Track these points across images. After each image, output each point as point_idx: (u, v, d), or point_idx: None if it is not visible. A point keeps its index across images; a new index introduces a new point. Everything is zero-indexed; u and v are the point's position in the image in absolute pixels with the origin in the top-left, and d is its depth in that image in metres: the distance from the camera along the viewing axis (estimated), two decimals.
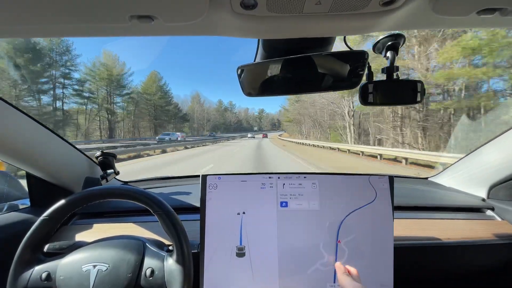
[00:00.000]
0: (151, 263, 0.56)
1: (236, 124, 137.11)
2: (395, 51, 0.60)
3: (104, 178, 1.00)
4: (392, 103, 0.65)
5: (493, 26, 0.48)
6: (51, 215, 0.58)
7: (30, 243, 0.56)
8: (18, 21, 0.40)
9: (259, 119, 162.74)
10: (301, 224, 0.63)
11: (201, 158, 12.49)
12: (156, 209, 0.58)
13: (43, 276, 0.54)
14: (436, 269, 0.81)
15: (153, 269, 0.55)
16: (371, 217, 0.63)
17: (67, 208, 0.59)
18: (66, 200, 0.59)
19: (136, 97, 50.23)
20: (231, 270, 0.62)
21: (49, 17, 0.39)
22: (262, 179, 0.66)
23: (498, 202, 0.93)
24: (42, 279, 0.54)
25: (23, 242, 0.56)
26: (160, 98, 57.22)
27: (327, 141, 23.97)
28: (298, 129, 46.70)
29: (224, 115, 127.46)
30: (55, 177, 0.87)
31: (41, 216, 0.58)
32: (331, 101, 24.38)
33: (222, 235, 0.63)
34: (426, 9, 0.40)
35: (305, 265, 0.62)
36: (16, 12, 0.38)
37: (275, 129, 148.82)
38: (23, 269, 0.55)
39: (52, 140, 0.83)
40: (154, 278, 0.54)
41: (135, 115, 49.02)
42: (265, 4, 0.37)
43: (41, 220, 0.57)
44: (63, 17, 0.40)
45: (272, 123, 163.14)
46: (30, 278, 0.54)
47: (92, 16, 0.39)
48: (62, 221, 0.60)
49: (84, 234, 0.82)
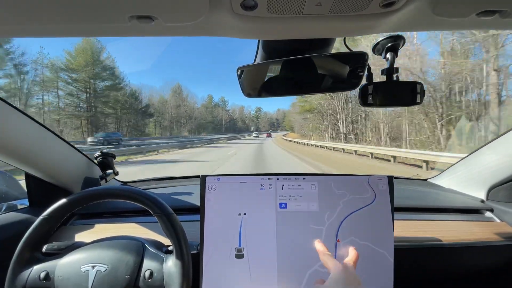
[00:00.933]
0: (150, 265, 0.56)
1: (228, 123, 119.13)
2: (394, 53, 0.60)
3: (103, 178, 1.00)
4: (392, 105, 0.65)
5: (493, 28, 0.48)
6: (51, 214, 0.58)
7: (29, 242, 0.56)
8: (17, 21, 0.40)
9: (256, 118, 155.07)
10: (300, 225, 0.63)
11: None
12: (156, 211, 0.58)
13: (42, 275, 0.54)
14: (436, 270, 0.81)
15: (152, 271, 0.55)
16: (371, 218, 0.63)
17: (67, 208, 0.59)
18: (67, 199, 0.59)
19: (54, 76, 31.08)
20: (230, 271, 0.61)
21: (48, 17, 0.39)
22: (261, 180, 0.66)
23: (497, 203, 0.94)
24: (40, 279, 0.54)
25: (22, 241, 0.56)
26: (96, 77, 35.23)
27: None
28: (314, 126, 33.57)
29: (213, 113, 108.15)
30: (54, 177, 0.87)
31: (40, 216, 0.58)
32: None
33: (221, 236, 0.63)
34: (426, 11, 0.40)
35: (304, 267, 0.61)
36: (15, 12, 0.38)
37: (274, 129, 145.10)
38: (21, 268, 0.55)
39: (51, 140, 0.82)
40: (152, 280, 0.54)
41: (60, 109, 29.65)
42: (265, 5, 0.37)
43: (40, 219, 0.57)
44: (63, 17, 0.40)
45: (270, 122, 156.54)
46: (28, 278, 0.54)
47: (92, 16, 0.39)
48: (62, 220, 0.60)
49: (83, 235, 0.82)
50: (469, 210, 0.94)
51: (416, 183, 1.26)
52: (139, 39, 51.69)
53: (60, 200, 0.59)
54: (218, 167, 9.13)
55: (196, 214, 0.68)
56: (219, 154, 14.70)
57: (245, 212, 0.64)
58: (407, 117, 16.06)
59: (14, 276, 0.54)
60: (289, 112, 73.45)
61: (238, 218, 0.64)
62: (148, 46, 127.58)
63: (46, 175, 0.85)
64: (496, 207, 0.93)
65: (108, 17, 0.39)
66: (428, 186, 1.19)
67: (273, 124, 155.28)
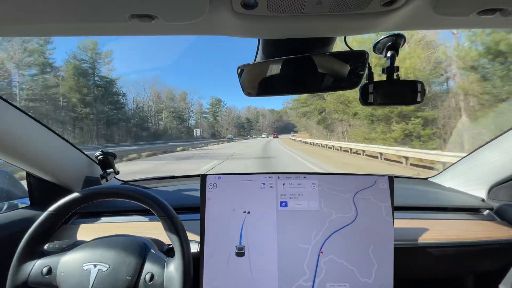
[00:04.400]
0: (152, 268, 0.56)
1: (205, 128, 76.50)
2: (395, 51, 0.60)
3: (104, 177, 1.00)
4: (393, 104, 0.65)
5: (494, 27, 0.48)
6: (57, 210, 0.59)
7: (34, 236, 0.57)
8: (18, 20, 0.40)
9: (214, 117, 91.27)
10: (300, 223, 0.63)
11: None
12: (161, 214, 0.59)
13: (44, 270, 0.55)
14: (436, 269, 0.81)
15: (153, 274, 0.55)
16: (371, 217, 0.63)
17: (73, 204, 0.60)
18: (73, 196, 0.60)
19: None
20: (230, 270, 0.62)
21: (49, 16, 0.39)
22: (262, 179, 0.66)
23: (497, 202, 0.93)
24: (43, 273, 0.55)
25: (27, 235, 0.57)
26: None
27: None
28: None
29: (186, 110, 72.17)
30: (55, 176, 0.87)
31: (44, 212, 0.59)
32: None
33: (221, 235, 0.63)
34: (427, 10, 0.40)
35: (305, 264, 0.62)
36: (16, 11, 0.38)
37: (244, 134, 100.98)
38: (25, 262, 0.56)
39: (52, 139, 0.83)
40: (153, 284, 0.54)
41: None
42: (266, 4, 0.37)
43: (47, 213, 0.58)
44: (63, 17, 0.40)
45: (238, 123, 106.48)
46: (31, 272, 0.55)
47: (93, 15, 0.39)
48: (66, 217, 0.61)
49: (84, 233, 0.83)
50: (470, 209, 0.94)
51: (416, 182, 1.26)
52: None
53: (66, 196, 0.60)
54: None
55: (197, 213, 0.68)
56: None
57: (246, 211, 0.64)
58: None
59: (17, 270, 0.55)
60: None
61: (238, 216, 0.64)
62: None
63: (46, 174, 0.85)
64: (497, 206, 0.92)
65: (109, 16, 0.39)
66: (429, 185, 1.19)
67: (242, 127, 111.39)
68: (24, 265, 0.55)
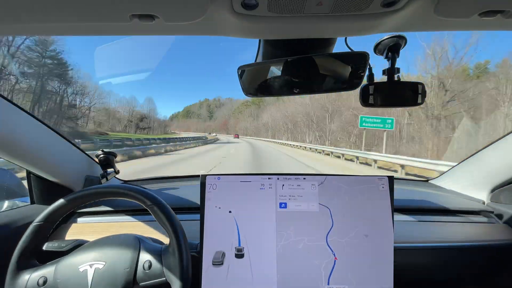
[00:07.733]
0: (148, 256, 0.56)
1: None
2: (396, 53, 0.60)
3: (104, 177, 1.00)
4: (393, 105, 0.65)
5: (495, 29, 0.48)
6: (44, 219, 0.57)
7: (23, 250, 0.56)
8: (19, 19, 0.41)
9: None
10: (300, 225, 0.63)
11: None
12: (147, 203, 0.58)
13: (40, 281, 0.54)
14: (436, 271, 0.81)
15: (151, 261, 0.55)
16: (371, 218, 0.63)
17: (58, 212, 0.58)
18: (57, 204, 0.58)
19: None
20: (230, 270, 0.61)
21: (50, 15, 0.39)
22: (262, 180, 0.66)
23: (498, 205, 0.93)
24: (39, 284, 0.54)
25: (17, 250, 0.55)
26: None
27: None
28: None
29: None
30: (55, 175, 0.87)
31: (43, 212, 0.57)
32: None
33: (221, 236, 0.63)
34: (427, 11, 0.40)
35: (304, 266, 0.61)
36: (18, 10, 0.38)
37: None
38: (19, 277, 0.54)
39: (52, 138, 0.83)
40: (152, 270, 0.55)
41: None
42: (266, 4, 0.37)
43: (33, 226, 0.56)
44: (64, 16, 0.40)
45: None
46: (27, 285, 0.54)
47: (93, 15, 0.39)
48: (55, 225, 0.60)
49: (83, 233, 0.82)
50: (470, 212, 0.94)
51: (417, 184, 1.25)
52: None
53: (51, 205, 0.58)
54: None
55: (196, 213, 0.68)
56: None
57: (245, 212, 0.64)
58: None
59: (12, 285, 0.54)
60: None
61: (238, 217, 0.64)
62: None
63: (47, 173, 0.85)
64: (498, 209, 0.92)
65: (109, 15, 0.39)
66: (429, 187, 1.18)
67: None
68: (19, 280, 0.54)
